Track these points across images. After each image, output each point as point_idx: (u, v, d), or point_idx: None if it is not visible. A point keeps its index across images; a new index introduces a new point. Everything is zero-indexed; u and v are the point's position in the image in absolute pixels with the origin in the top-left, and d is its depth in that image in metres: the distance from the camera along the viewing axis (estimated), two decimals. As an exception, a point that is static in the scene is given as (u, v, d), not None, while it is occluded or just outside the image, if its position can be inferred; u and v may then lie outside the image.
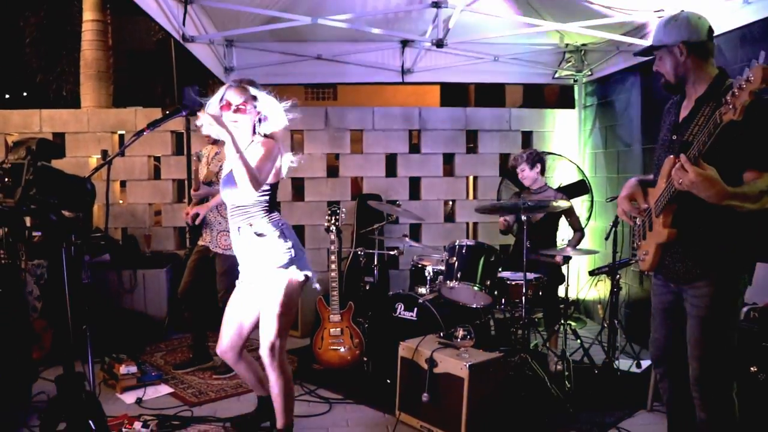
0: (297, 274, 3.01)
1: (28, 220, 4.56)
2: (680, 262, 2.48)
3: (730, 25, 4.00)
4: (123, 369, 4.12)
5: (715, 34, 2.50)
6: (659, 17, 4.60)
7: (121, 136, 6.38)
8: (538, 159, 4.86)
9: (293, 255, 3.01)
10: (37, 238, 5.14)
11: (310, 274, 3.08)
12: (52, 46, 9.66)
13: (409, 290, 4.70)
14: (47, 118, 6.24)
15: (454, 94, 16.49)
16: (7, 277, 4.40)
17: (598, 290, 6.08)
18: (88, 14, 7.94)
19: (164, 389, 4.19)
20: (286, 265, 2.99)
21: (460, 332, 3.42)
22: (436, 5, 4.30)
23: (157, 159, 6.44)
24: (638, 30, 4.97)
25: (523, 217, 3.99)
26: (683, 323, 2.56)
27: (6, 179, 2.01)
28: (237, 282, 3.19)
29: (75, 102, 8.57)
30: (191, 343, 4.73)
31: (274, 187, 3.05)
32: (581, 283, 6.41)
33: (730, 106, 2.02)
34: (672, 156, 2.39)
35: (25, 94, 10.51)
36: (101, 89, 7.89)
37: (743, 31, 4.04)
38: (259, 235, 2.98)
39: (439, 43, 4.38)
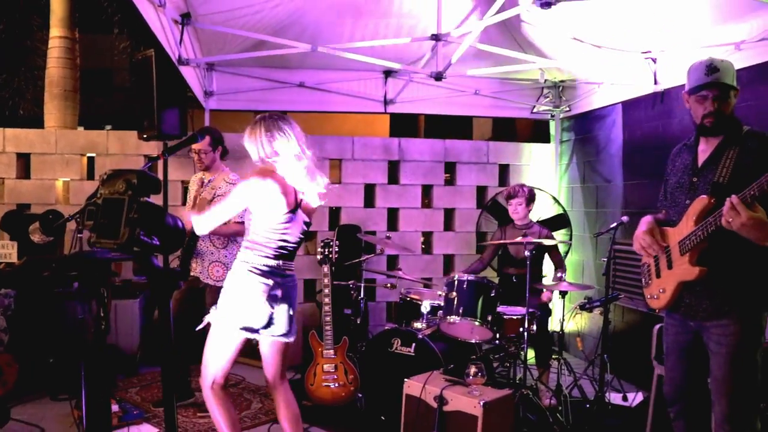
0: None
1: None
2: (707, 299, 2.50)
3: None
4: (103, 408, 3.85)
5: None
6: (646, 58, 4.77)
7: (90, 159, 6.08)
8: (533, 197, 4.89)
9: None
10: (3, 265, 4.82)
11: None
12: (8, 63, 9.18)
13: (394, 323, 4.59)
14: (11, 138, 5.89)
15: (402, 124, 16.38)
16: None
17: (576, 323, 6.13)
18: (56, 31, 7.55)
19: (147, 429, 3.94)
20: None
21: (472, 369, 3.35)
22: (436, 38, 4.30)
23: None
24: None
25: (526, 253, 3.98)
26: (701, 362, 2.59)
27: (100, 216, 1.77)
28: None
29: (33, 121, 8.14)
30: (171, 379, 4.48)
31: None
32: (556, 316, 6.45)
33: None
34: (705, 196, 2.44)
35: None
36: (67, 109, 7.49)
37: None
38: None
39: (438, 77, 4.37)
